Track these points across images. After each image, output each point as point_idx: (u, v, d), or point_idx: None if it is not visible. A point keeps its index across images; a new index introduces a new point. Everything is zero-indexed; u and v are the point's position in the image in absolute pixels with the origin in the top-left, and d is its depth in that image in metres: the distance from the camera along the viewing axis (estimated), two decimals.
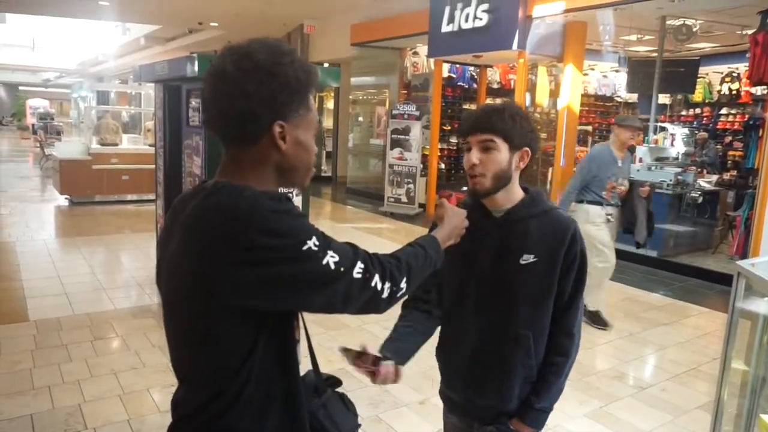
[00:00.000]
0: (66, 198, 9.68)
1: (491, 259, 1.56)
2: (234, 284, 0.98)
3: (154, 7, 13.13)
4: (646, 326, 4.97)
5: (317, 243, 1.01)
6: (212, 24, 14.77)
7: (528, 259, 1.53)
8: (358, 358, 1.41)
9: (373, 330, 4.35)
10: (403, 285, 1.15)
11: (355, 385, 3.55)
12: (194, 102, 4.49)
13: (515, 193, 1.58)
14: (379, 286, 1.09)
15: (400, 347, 1.58)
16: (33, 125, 23.63)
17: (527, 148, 1.54)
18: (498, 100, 11.47)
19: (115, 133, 10.58)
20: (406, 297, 1.21)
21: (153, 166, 5.62)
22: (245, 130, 1.05)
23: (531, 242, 1.54)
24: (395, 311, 1.46)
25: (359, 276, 1.06)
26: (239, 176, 1.07)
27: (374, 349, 1.44)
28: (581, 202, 4.78)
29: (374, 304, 1.10)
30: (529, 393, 1.59)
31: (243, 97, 1.02)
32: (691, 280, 6.52)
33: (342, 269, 1.03)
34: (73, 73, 34.70)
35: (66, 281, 5.42)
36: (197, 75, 4.05)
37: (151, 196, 8.66)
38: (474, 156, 1.51)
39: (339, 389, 1.32)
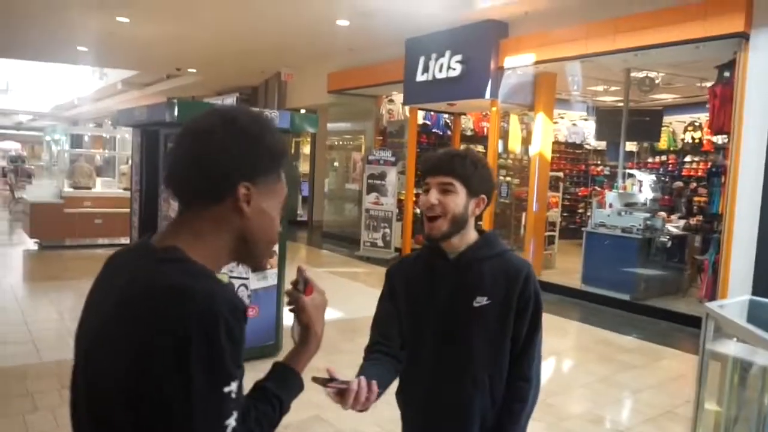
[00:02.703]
0: (36, 242, 9.46)
1: (447, 301, 1.56)
2: (141, 375, 0.88)
3: (132, 54, 13.24)
4: (619, 369, 4.99)
5: (236, 393, 0.91)
6: (190, 70, 14.91)
7: (481, 301, 1.52)
8: (329, 382, 1.31)
9: (347, 373, 4.28)
10: None
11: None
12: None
13: (470, 236, 1.59)
14: None
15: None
16: (3, 168, 23.24)
17: (484, 196, 1.56)
18: (463, 146, 11.75)
19: (89, 177, 10.47)
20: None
21: (127, 210, 5.58)
22: (207, 185, 1.00)
23: (485, 284, 1.54)
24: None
25: None
26: (193, 240, 1.00)
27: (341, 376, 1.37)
28: None
29: None
30: None
31: (213, 153, 0.99)
32: (662, 323, 6.60)
33: None
34: (47, 117, 34.46)
35: (33, 327, 5.26)
36: (176, 120, 4.10)
37: (125, 241, 8.56)
38: (433, 196, 1.52)
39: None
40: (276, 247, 4.73)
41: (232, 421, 0.90)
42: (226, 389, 0.89)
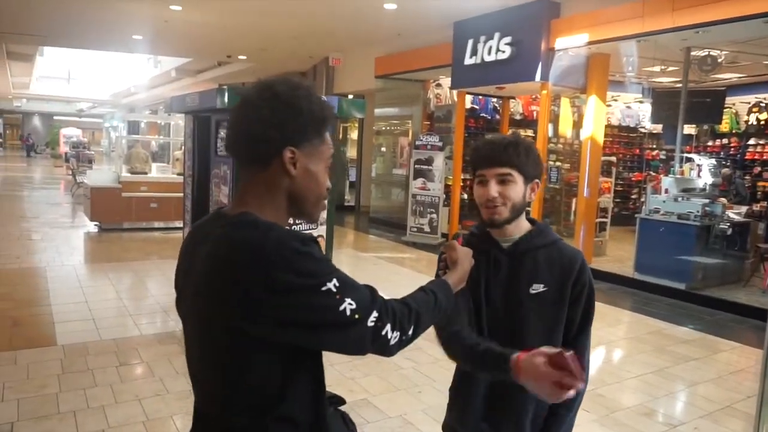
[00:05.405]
0: (96, 224, 9.88)
1: (502, 288, 1.57)
2: (254, 318, 1.03)
3: (185, 41, 13.57)
4: (675, 361, 4.84)
5: (337, 285, 1.06)
6: (241, 57, 15.17)
7: (538, 288, 1.55)
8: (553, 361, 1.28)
9: (396, 360, 4.32)
10: (411, 333, 1.19)
11: (377, 416, 3.56)
12: (223, 132, 4.59)
13: (523, 223, 1.62)
14: (389, 335, 1.13)
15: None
16: (66, 153, 24.31)
17: (537, 180, 1.59)
18: (510, 132, 11.53)
19: (145, 162, 10.85)
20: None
21: (181, 195, 5.72)
22: (257, 151, 1.14)
23: (540, 272, 1.56)
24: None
25: (372, 324, 1.10)
26: (256, 203, 1.15)
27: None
28: None
29: (382, 350, 1.15)
30: (541, 429, 1.58)
31: (259, 121, 1.12)
32: (721, 314, 6.36)
33: (357, 317, 1.08)
34: (105, 104, 35.85)
35: (93, 307, 5.50)
36: (227, 106, 4.17)
37: (178, 224, 8.82)
38: (493, 189, 1.53)
39: (342, 408, 1.36)
40: (324, 233, 4.78)
41: (346, 305, 1.06)
42: (324, 288, 1.05)
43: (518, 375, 1.35)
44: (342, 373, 4.11)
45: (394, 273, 7.79)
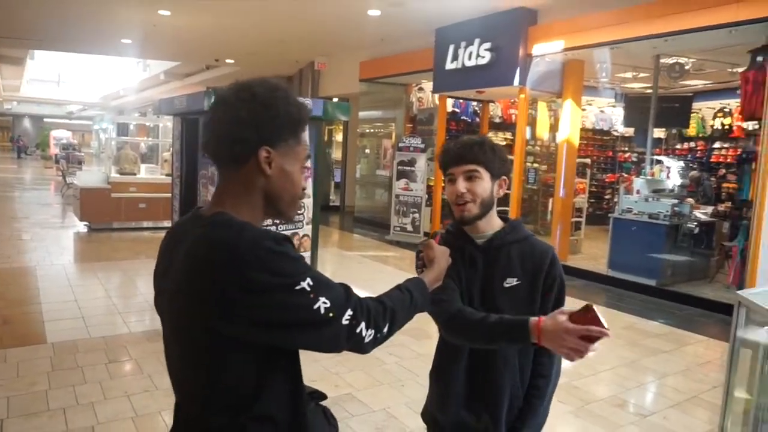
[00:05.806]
0: (85, 224, 9.92)
1: (477, 283, 1.62)
2: (230, 318, 1.03)
3: (173, 45, 13.64)
4: (646, 353, 4.98)
5: (311, 284, 1.06)
6: (228, 61, 15.25)
7: (511, 282, 1.60)
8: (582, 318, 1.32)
9: (380, 355, 4.44)
10: (386, 331, 1.20)
11: (361, 410, 3.62)
12: None
13: (495, 220, 1.67)
14: (363, 333, 1.14)
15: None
16: (56, 155, 24.26)
17: (505, 177, 1.66)
18: (476, 136, 11.77)
19: (134, 163, 10.91)
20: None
21: (169, 195, 5.81)
22: (233, 151, 1.13)
23: (513, 267, 1.61)
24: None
25: (347, 323, 1.11)
26: (231, 203, 1.15)
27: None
28: None
29: (357, 348, 1.16)
30: (515, 420, 1.63)
31: (235, 122, 1.11)
32: (689, 309, 6.55)
33: (331, 315, 1.08)
34: (95, 106, 35.76)
35: (83, 305, 5.52)
36: None
37: (167, 224, 8.91)
38: (461, 185, 1.59)
39: (323, 403, 1.38)
40: (309, 232, 4.92)
41: (320, 304, 1.07)
42: (298, 287, 1.05)
43: (539, 337, 1.36)
44: (327, 368, 4.18)
45: (378, 271, 7.94)
